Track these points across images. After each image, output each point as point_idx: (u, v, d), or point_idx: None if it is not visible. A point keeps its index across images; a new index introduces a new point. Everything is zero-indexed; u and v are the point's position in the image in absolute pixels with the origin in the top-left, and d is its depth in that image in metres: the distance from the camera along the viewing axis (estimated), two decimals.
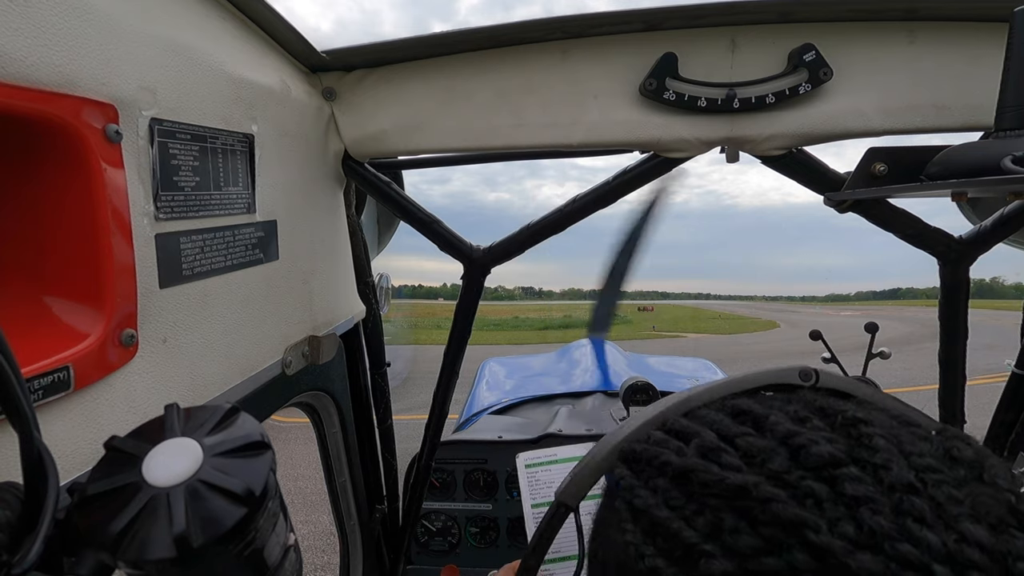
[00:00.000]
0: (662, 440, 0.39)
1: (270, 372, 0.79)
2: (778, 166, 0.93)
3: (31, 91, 0.42)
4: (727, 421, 0.38)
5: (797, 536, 0.28)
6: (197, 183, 0.61)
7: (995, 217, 0.94)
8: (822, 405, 0.38)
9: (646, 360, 3.68)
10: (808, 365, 0.45)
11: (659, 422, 0.42)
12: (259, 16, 0.73)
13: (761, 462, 0.33)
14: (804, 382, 0.44)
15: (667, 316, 37.57)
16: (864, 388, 0.44)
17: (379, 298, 1.22)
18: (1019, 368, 1.04)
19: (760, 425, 0.36)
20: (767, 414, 0.37)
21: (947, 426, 0.37)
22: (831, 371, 0.45)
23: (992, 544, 0.27)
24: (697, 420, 0.40)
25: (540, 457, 1.04)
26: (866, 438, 0.33)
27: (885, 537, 0.27)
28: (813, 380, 0.44)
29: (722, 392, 0.44)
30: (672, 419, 0.41)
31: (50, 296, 0.49)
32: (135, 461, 0.34)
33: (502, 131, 0.91)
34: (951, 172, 0.72)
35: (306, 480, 4.70)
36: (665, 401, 0.45)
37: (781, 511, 0.29)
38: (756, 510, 0.30)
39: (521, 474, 1.02)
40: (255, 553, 0.36)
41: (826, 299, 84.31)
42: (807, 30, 0.85)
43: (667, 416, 0.42)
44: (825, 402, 0.38)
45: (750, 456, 0.34)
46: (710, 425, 0.38)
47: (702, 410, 0.42)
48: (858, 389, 0.44)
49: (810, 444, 0.32)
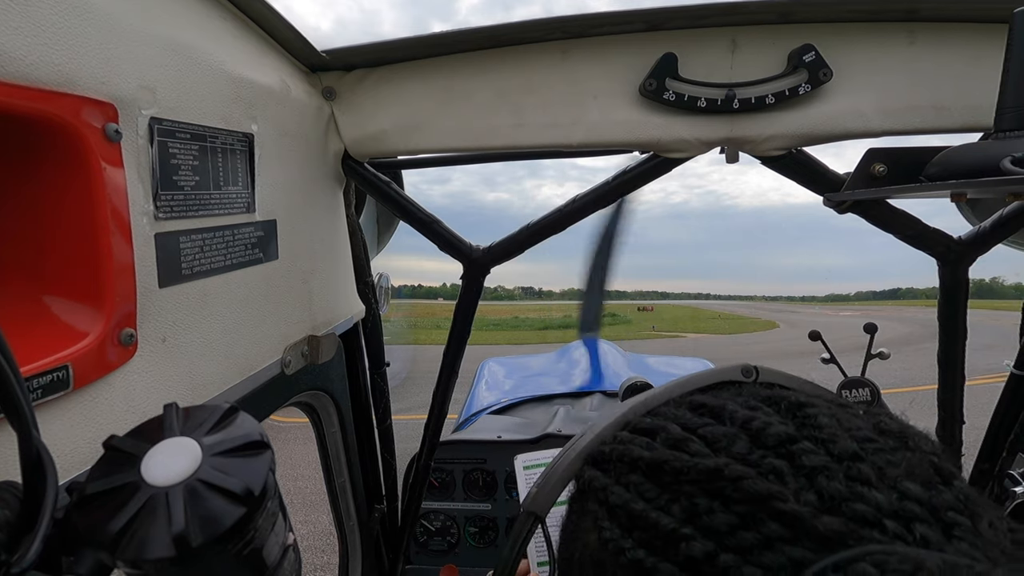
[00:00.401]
0: (629, 439, 0.40)
1: (269, 372, 0.79)
2: (778, 167, 0.93)
3: (31, 90, 0.42)
4: (688, 415, 0.40)
5: (768, 508, 0.31)
6: (197, 182, 0.61)
7: (994, 218, 0.94)
8: (767, 395, 0.41)
9: (645, 360, 3.69)
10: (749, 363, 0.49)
11: (622, 424, 0.44)
12: (259, 16, 0.73)
13: (725, 447, 0.35)
14: (746, 378, 0.48)
15: (667, 316, 37.59)
16: (798, 380, 0.48)
17: (379, 298, 1.22)
18: (1018, 369, 1.04)
19: (718, 415, 0.39)
20: (723, 405, 0.40)
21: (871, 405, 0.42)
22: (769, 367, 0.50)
23: (928, 498, 0.31)
24: (659, 417, 0.42)
25: (538, 459, 1.04)
26: (811, 418, 0.36)
27: (842, 500, 0.30)
28: (754, 376, 0.48)
29: (676, 392, 0.46)
30: (635, 419, 0.43)
31: (49, 295, 0.49)
32: (134, 460, 0.34)
33: (502, 131, 0.91)
34: (950, 173, 0.72)
35: (305, 480, 4.70)
36: (624, 405, 0.47)
37: (751, 487, 0.32)
38: (728, 489, 0.32)
39: (519, 475, 1.02)
40: (254, 553, 0.36)
41: (826, 299, 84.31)
42: (807, 31, 0.85)
43: (629, 417, 0.44)
44: (768, 392, 0.42)
45: (714, 442, 0.36)
46: (673, 420, 0.40)
47: (662, 408, 0.44)
48: (793, 381, 0.48)
49: (766, 426, 0.35)
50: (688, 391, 0.46)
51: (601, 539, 0.36)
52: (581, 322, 3.62)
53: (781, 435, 0.35)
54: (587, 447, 0.44)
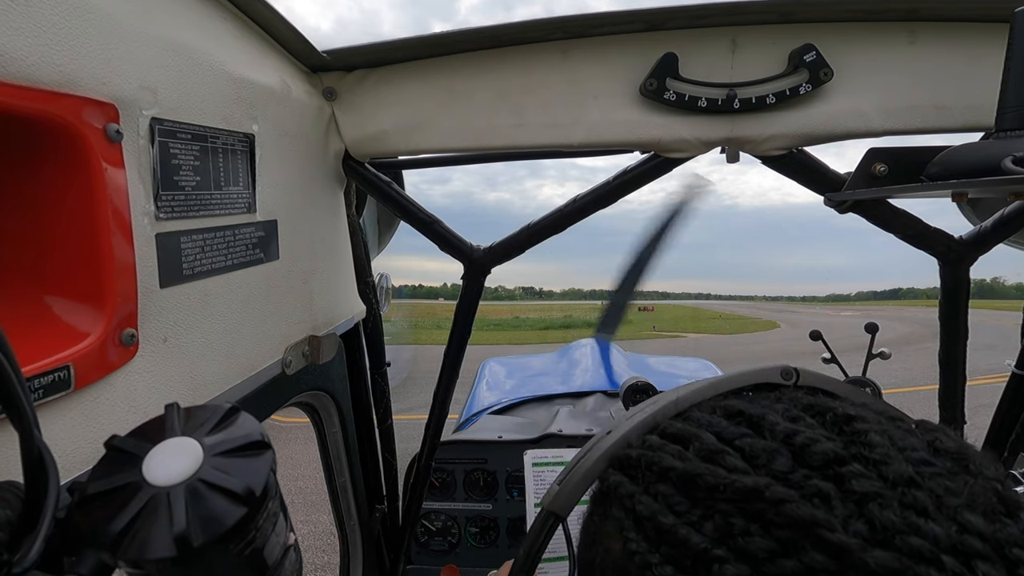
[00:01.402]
0: (658, 444, 0.38)
1: (270, 372, 0.79)
2: (778, 166, 0.93)
3: (32, 90, 0.42)
4: (723, 423, 0.38)
5: (811, 536, 0.28)
6: (198, 183, 0.61)
7: (995, 217, 0.94)
8: (810, 403, 0.38)
9: (646, 360, 3.69)
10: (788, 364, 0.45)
11: (649, 426, 0.41)
12: (259, 16, 0.73)
13: (765, 463, 0.33)
14: (786, 380, 0.44)
15: (667, 316, 37.56)
16: (842, 385, 0.44)
17: (379, 298, 1.22)
18: (1019, 368, 1.04)
19: (757, 426, 0.36)
20: (763, 414, 0.36)
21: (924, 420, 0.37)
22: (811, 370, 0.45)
23: (990, 532, 0.28)
24: (691, 423, 0.39)
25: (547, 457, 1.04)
26: (861, 435, 0.33)
27: (896, 532, 0.28)
28: (794, 378, 0.45)
29: (709, 393, 0.43)
30: (664, 423, 0.41)
31: (50, 296, 0.49)
32: (135, 460, 0.34)
33: (502, 131, 0.91)
34: (951, 172, 0.72)
35: (306, 480, 4.70)
36: (652, 404, 0.44)
37: (795, 511, 0.29)
38: (769, 512, 0.30)
39: (528, 472, 1.01)
40: (255, 553, 0.36)
41: (826, 299, 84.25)
42: (807, 30, 0.85)
43: (658, 419, 0.42)
44: (811, 400, 0.39)
45: (753, 457, 0.33)
46: (707, 427, 0.37)
47: (694, 412, 0.41)
48: (837, 386, 0.44)
49: (811, 443, 0.32)
50: (721, 393, 0.43)
51: (627, 550, 0.34)
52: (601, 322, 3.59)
53: (828, 454, 0.32)
54: (612, 448, 0.42)
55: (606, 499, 0.39)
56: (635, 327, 26.47)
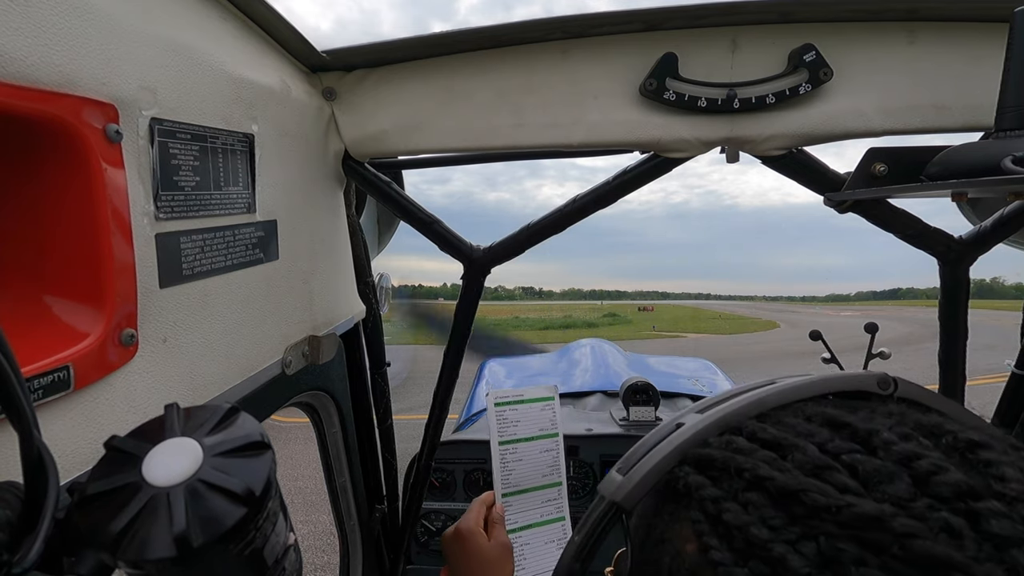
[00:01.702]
0: (748, 448, 0.35)
1: (270, 372, 0.79)
2: (778, 166, 0.93)
3: (31, 91, 0.42)
4: (824, 433, 0.34)
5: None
6: (197, 183, 0.61)
7: (995, 217, 0.94)
8: (919, 420, 0.35)
9: (646, 360, 3.69)
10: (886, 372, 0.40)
11: (730, 425, 0.38)
12: (259, 16, 0.73)
13: (881, 487, 0.29)
14: (882, 391, 0.40)
15: (667, 316, 37.57)
16: (947, 401, 0.40)
17: (379, 298, 1.22)
18: (1019, 368, 1.04)
19: (866, 441, 0.32)
20: (874, 429, 0.33)
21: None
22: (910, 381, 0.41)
23: None
24: (783, 428, 0.36)
25: (509, 396, 1.04)
26: (992, 466, 0.30)
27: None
28: (892, 389, 0.40)
29: (793, 396, 0.39)
30: (747, 423, 0.37)
31: (50, 296, 0.49)
32: (135, 461, 0.34)
33: (502, 131, 0.91)
34: (951, 172, 0.72)
35: (306, 480, 4.70)
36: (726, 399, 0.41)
37: (928, 549, 0.26)
38: (891, 544, 0.27)
39: (491, 412, 1.01)
40: (255, 553, 0.36)
41: (826, 299, 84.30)
42: (807, 30, 0.85)
43: (739, 419, 0.38)
44: (920, 417, 0.35)
45: (867, 479, 0.30)
46: (805, 436, 0.34)
47: (783, 416, 0.37)
48: (943, 403, 0.40)
49: (938, 471, 0.29)
50: (808, 397, 0.39)
51: (709, 559, 0.32)
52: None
53: (961, 486, 0.28)
54: (685, 444, 0.38)
55: (679, 498, 0.37)
56: (635, 327, 26.45)
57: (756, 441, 0.35)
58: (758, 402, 0.39)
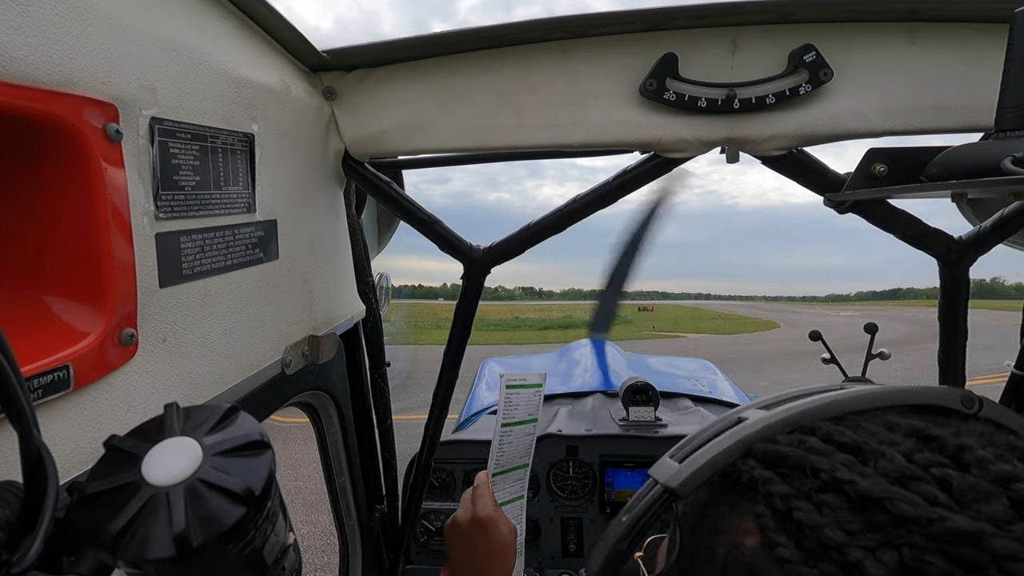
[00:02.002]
0: (823, 449, 0.34)
1: (270, 372, 0.79)
2: (778, 166, 0.93)
3: (31, 90, 0.42)
4: (909, 444, 0.33)
5: None
6: (197, 182, 0.61)
7: (995, 218, 0.94)
8: (1012, 443, 0.34)
9: (646, 360, 3.69)
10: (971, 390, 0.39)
11: (799, 425, 0.37)
12: (259, 16, 0.73)
13: (972, 503, 0.29)
14: (967, 409, 0.38)
15: (667, 316, 37.59)
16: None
17: (379, 298, 1.22)
18: (1019, 369, 1.04)
19: (957, 457, 0.32)
20: (967, 445, 0.32)
21: None
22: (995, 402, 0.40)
23: None
24: (862, 433, 0.35)
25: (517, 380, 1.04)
26: None
27: None
28: (976, 408, 0.38)
29: (872, 402, 0.38)
30: (820, 425, 0.36)
31: (50, 295, 0.49)
32: (135, 460, 0.34)
33: (502, 131, 0.91)
34: (951, 173, 0.72)
35: (306, 480, 4.70)
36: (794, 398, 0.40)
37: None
38: (988, 565, 0.26)
39: (501, 394, 1.01)
40: (254, 552, 0.36)
41: (826, 299, 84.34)
42: (807, 30, 0.85)
43: (811, 419, 0.37)
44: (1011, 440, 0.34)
45: (959, 494, 0.29)
46: (888, 444, 0.33)
47: (863, 422, 0.36)
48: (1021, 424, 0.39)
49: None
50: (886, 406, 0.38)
51: (774, 555, 0.31)
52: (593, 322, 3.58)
53: None
54: (750, 438, 0.38)
55: (743, 490, 0.36)
56: (635, 327, 26.47)
57: (832, 443, 0.34)
58: (830, 404, 0.38)
